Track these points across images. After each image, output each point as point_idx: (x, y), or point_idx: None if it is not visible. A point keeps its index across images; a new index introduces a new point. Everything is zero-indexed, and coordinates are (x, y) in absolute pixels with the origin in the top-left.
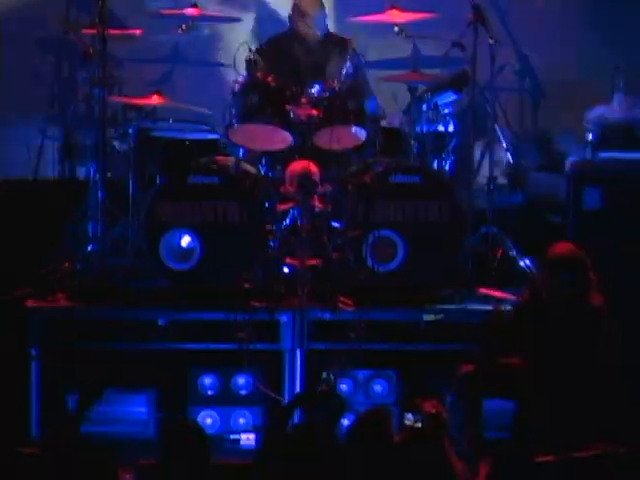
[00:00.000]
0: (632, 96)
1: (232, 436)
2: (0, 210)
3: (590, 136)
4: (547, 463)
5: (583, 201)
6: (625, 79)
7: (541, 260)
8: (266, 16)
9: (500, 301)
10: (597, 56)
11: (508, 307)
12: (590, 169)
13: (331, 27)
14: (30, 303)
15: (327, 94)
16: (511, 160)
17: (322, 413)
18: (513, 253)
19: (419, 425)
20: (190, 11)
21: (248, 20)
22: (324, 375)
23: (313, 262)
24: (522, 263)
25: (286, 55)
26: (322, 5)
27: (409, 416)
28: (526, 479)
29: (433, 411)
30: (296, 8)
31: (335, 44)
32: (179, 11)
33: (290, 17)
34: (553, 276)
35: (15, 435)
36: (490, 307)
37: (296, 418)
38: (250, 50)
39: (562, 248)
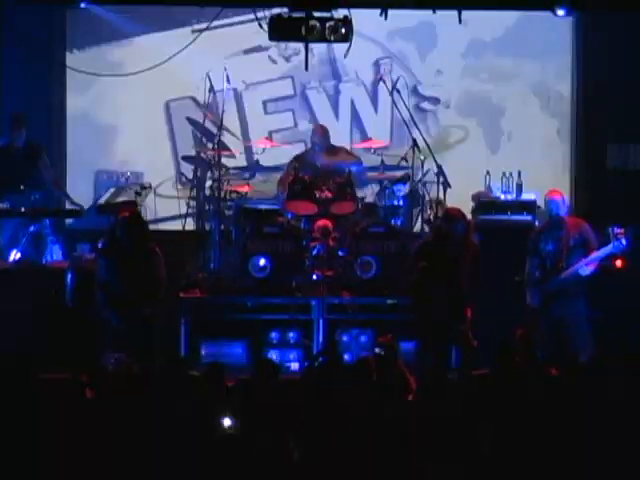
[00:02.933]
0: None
1: (286, 364)
2: (165, 244)
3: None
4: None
5: None
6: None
7: (442, 216)
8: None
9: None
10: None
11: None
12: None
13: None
14: (181, 294)
15: (336, 184)
16: (432, 219)
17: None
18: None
19: (382, 353)
20: (264, 142)
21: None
22: (334, 338)
23: (329, 273)
24: None
25: (311, 162)
26: (320, 131)
27: (377, 349)
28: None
29: (388, 343)
30: (313, 133)
31: (339, 156)
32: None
33: (311, 138)
34: (449, 224)
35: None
36: None
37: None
38: (292, 160)
39: (453, 210)
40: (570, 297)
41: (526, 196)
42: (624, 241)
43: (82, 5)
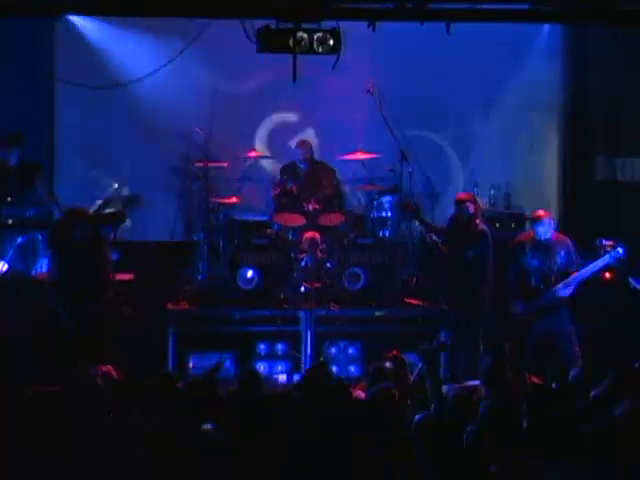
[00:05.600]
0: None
1: (274, 376)
2: (153, 255)
3: None
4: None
5: None
6: None
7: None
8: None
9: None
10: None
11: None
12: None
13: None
14: (169, 306)
15: (322, 197)
16: (420, 230)
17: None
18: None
19: (392, 367)
20: (252, 154)
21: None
22: (320, 357)
23: (317, 285)
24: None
25: (297, 173)
26: (304, 145)
27: (386, 363)
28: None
29: (396, 356)
30: (296, 147)
31: (325, 169)
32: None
33: (295, 153)
34: (457, 207)
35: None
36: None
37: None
38: (280, 172)
39: (460, 194)
40: (553, 311)
41: (514, 208)
42: (620, 250)
43: (68, 17)
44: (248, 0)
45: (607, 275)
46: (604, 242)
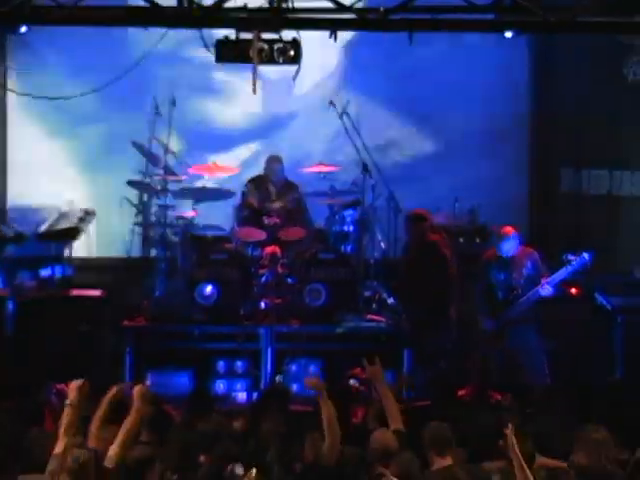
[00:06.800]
0: None
1: (233, 394)
2: (109, 272)
3: None
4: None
5: None
6: None
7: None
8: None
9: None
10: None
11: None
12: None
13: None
14: (125, 322)
15: (283, 211)
16: (383, 245)
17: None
18: (384, 295)
19: (357, 385)
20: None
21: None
22: (277, 377)
23: (277, 301)
24: (389, 300)
25: (263, 188)
26: (280, 161)
27: (352, 380)
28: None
29: (362, 375)
30: (267, 162)
31: (289, 185)
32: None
33: (265, 166)
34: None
35: None
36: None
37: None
38: (245, 185)
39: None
40: (519, 326)
41: (479, 222)
42: (586, 255)
43: (23, 30)
44: (206, 10)
45: (573, 291)
46: (570, 257)
